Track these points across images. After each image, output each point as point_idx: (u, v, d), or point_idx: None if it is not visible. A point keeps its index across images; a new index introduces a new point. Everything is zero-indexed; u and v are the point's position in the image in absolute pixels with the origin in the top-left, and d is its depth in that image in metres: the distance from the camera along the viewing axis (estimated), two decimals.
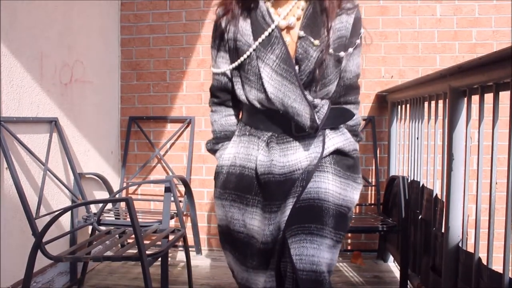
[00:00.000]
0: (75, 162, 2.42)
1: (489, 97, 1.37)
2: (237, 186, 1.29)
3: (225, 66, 1.32)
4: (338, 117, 1.31)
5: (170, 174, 2.98)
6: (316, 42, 1.19)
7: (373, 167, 2.89)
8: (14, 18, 1.97)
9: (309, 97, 1.22)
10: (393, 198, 2.51)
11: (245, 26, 1.24)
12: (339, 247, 1.24)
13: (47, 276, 2.21)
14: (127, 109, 3.08)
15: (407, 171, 2.41)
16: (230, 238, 1.33)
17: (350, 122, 1.35)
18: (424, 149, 2.09)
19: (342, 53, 1.22)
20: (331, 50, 1.20)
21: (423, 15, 2.87)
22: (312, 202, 1.21)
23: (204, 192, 3.02)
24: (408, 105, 2.40)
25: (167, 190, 2.21)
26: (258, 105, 1.27)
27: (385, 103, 2.87)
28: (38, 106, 2.16)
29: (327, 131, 1.29)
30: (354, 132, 1.35)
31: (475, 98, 1.46)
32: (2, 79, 1.90)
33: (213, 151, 1.42)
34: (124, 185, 2.99)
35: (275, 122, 1.28)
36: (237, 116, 1.42)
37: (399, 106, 2.62)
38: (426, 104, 2.02)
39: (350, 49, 1.24)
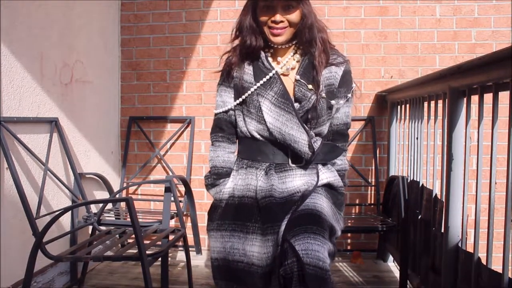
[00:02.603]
0: (75, 162, 2.43)
1: (488, 97, 1.37)
2: (236, 216, 1.36)
3: (230, 100, 1.47)
4: (329, 153, 1.46)
5: (170, 174, 2.98)
6: (310, 86, 1.39)
7: (373, 167, 2.90)
8: (14, 18, 1.98)
9: (306, 127, 1.38)
10: (393, 198, 2.51)
11: (248, 68, 1.44)
12: (332, 261, 1.28)
13: (47, 276, 2.21)
14: (127, 109, 3.09)
15: (406, 171, 2.41)
16: (227, 272, 1.35)
17: (336, 167, 1.50)
18: (423, 149, 2.09)
19: (333, 102, 1.42)
20: (323, 94, 1.39)
21: (422, 15, 2.88)
22: (310, 211, 1.28)
23: (204, 192, 3.02)
24: (407, 105, 2.41)
25: (167, 190, 2.22)
26: (257, 136, 1.42)
27: (385, 103, 2.87)
28: (39, 106, 2.16)
29: (320, 166, 1.43)
30: (340, 176, 1.49)
31: (475, 98, 1.46)
32: (3, 79, 1.90)
33: (213, 186, 1.49)
34: (124, 185, 2.99)
35: (272, 153, 1.41)
36: (234, 154, 1.53)
37: (399, 106, 2.63)
38: (425, 104, 2.02)
39: (341, 102, 1.44)
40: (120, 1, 3.06)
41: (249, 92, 1.42)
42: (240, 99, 1.44)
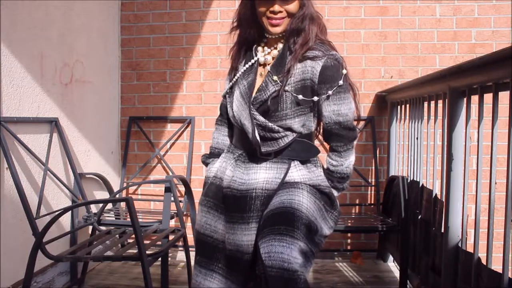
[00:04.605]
0: (75, 162, 2.43)
1: (488, 97, 1.37)
2: (215, 195, 1.44)
3: (227, 87, 1.53)
4: (303, 151, 1.41)
5: (170, 174, 2.98)
6: (275, 78, 1.35)
7: (373, 167, 2.90)
8: (14, 18, 1.98)
9: (260, 118, 1.35)
10: (393, 198, 2.51)
11: (242, 58, 1.48)
12: (311, 262, 1.28)
13: (47, 276, 2.21)
14: (127, 109, 3.09)
15: (406, 171, 2.41)
16: (197, 243, 1.47)
17: (331, 167, 1.44)
18: (423, 149, 2.09)
19: (300, 96, 1.34)
20: (287, 88, 1.34)
21: (422, 15, 2.88)
22: (284, 209, 1.27)
23: None
24: (407, 105, 2.41)
25: (167, 190, 2.21)
26: (234, 123, 1.45)
27: (385, 103, 2.87)
28: (39, 106, 2.16)
29: (296, 163, 1.39)
30: (329, 176, 1.44)
31: (475, 98, 1.46)
32: (3, 79, 1.90)
33: (205, 163, 1.59)
34: (124, 185, 2.99)
35: (247, 142, 1.40)
36: (232, 137, 1.56)
37: (399, 106, 2.63)
38: (425, 104, 2.02)
39: (316, 98, 1.35)
40: (120, 1, 3.06)
41: (233, 81, 1.46)
42: (228, 86, 1.49)
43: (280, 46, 1.41)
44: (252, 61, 1.43)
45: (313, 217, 1.30)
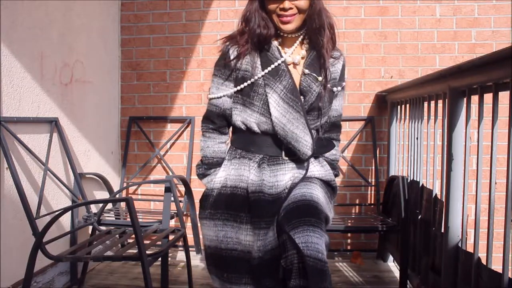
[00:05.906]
0: (75, 162, 2.43)
1: (488, 97, 1.37)
2: (229, 205, 1.37)
3: (229, 90, 1.44)
4: (323, 147, 1.48)
5: (170, 174, 2.98)
6: (320, 78, 1.38)
7: (373, 167, 2.89)
8: (14, 18, 1.98)
9: (311, 128, 1.39)
10: (393, 198, 2.51)
11: (256, 60, 1.39)
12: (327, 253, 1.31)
13: (47, 276, 2.21)
14: (127, 109, 3.09)
15: (406, 171, 2.41)
16: (218, 260, 1.38)
17: (331, 157, 1.53)
18: (423, 149, 2.09)
19: (335, 88, 1.45)
20: (329, 86, 1.41)
21: (422, 15, 2.88)
22: (308, 202, 1.29)
23: None
24: (407, 105, 2.41)
25: (167, 190, 2.22)
26: (256, 128, 1.40)
27: (385, 103, 2.87)
28: (39, 106, 2.16)
29: (312, 159, 1.44)
30: (332, 166, 1.53)
31: (475, 98, 1.46)
32: (3, 79, 1.90)
33: (203, 176, 1.50)
34: (124, 185, 2.99)
35: (267, 145, 1.40)
36: (226, 144, 1.52)
37: (399, 106, 2.63)
38: (425, 104, 2.02)
39: (339, 88, 1.48)
40: (120, 1, 3.06)
41: (253, 80, 1.37)
42: (241, 86, 1.40)
43: (305, 46, 1.42)
44: (279, 61, 1.38)
45: (326, 210, 1.33)
